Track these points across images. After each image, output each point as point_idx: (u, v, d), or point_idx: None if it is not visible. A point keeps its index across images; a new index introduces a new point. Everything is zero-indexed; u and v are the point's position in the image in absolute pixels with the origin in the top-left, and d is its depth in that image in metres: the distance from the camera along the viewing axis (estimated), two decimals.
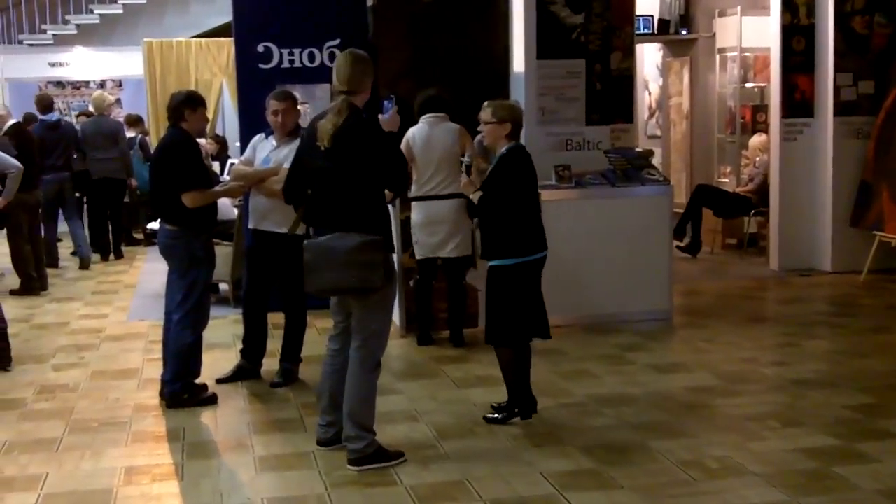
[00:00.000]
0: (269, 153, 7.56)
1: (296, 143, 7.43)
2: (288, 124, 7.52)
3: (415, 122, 8.56)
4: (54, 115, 13.21)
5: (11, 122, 11.60)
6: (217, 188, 7.53)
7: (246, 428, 6.71)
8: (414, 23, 11.21)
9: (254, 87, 9.62)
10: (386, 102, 6.33)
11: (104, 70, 18.33)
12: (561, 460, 5.95)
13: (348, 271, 5.73)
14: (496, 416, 6.70)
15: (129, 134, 14.71)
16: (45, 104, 13.17)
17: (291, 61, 9.85)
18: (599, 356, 8.24)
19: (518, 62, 10.23)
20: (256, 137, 7.81)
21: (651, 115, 16.21)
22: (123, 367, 8.30)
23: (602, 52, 10.23)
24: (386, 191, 6.14)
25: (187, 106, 7.16)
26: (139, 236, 15.19)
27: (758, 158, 12.81)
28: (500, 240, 6.52)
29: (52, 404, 7.34)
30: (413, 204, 8.63)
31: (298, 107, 7.76)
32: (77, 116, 15.98)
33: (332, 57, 9.81)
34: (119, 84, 18.45)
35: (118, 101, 18.29)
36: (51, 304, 10.88)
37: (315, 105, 9.70)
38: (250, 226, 7.68)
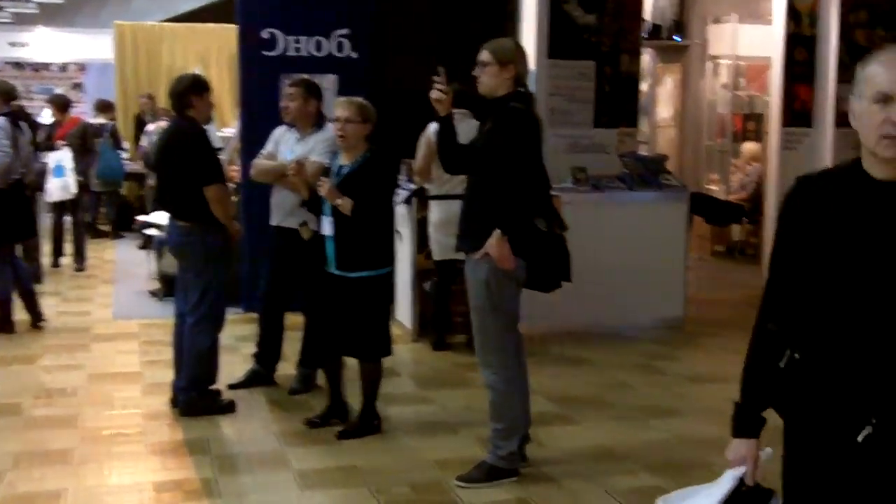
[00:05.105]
0: (293, 146, 7.06)
1: (321, 135, 6.96)
2: (293, 113, 7.02)
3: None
4: None
5: None
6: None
7: (275, 439, 6.27)
8: (419, 18, 10.84)
9: (256, 75, 9.21)
10: None
11: (67, 52, 17.67)
12: (625, 477, 5.66)
13: None
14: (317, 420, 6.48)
15: (100, 120, 14.05)
16: None
17: (297, 49, 9.34)
18: (630, 366, 7.98)
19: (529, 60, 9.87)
20: (278, 130, 7.27)
21: None
22: (122, 371, 7.81)
23: (612, 54, 9.92)
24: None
25: (194, 92, 6.66)
26: (105, 228, 14.65)
27: (749, 167, 12.62)
28: (374, 249, 6.09)
29: (54, 410, 6.84)
30: (431, 203, 8.26)
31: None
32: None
33: (339, 47, 9.40)
34: (82, 68, 17.78)
35: (80, 85, 17.71)
36: None
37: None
38: (273, 223, 7.15)
